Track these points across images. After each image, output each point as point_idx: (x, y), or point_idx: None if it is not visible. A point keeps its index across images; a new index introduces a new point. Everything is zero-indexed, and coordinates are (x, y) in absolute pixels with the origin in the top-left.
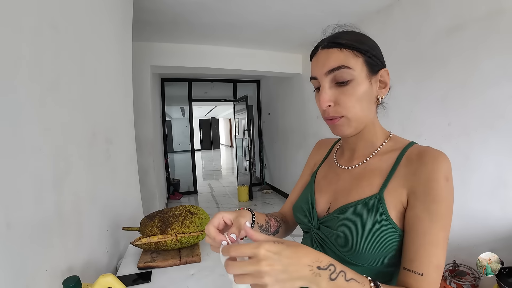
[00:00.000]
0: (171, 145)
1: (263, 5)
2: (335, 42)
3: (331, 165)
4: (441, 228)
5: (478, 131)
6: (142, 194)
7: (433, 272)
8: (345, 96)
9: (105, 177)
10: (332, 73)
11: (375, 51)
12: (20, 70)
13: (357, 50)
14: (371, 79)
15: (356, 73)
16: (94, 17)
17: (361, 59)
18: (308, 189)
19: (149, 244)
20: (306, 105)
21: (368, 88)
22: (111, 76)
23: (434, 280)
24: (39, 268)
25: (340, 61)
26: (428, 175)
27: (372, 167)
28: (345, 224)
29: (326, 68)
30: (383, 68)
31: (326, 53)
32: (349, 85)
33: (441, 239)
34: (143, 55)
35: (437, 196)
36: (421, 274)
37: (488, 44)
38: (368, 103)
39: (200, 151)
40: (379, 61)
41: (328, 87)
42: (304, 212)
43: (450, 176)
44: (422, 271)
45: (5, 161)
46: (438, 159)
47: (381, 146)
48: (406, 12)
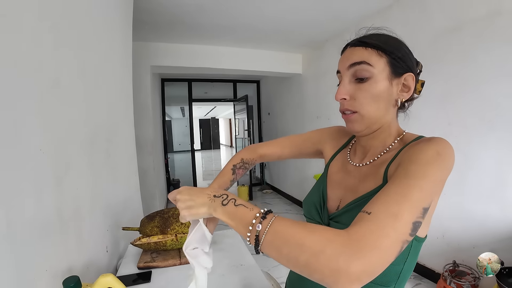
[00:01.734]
0: (171, 145)
1: (260, 9)
2: (362, 41)
3: (344, 162)
4: (416, 187)
5: (477, 130)
6: (142, 194)
7: (385, 217)
8: (361, 92)
9: (105, 177)
10: (353, 68)
11: (401, 54)
12: (20, 69)
13: (381, 50)
14: (392, 81)
15: (376, 71)
16: (95, 16)
17: (384, 59)
18: (320, 183)
19: (149, 244)
20: (306, 105)
21: (387, 88)
22: (111, 76)
23: (379, 224)
24: (39, 268)
25: (363, 58)
26: (418, 149)
27: (379, 162)
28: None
29: (349, 62)
30: (409, 73)
31: (352, 50)
32: (367, 82)
33: (414, 197)
34: (143, 55)
35: (419, 160)
36: (369, 213)
37: (487, 43)
38: (385, 103)
39: (200, 151)
40: (405, 65)
41: (348, 81)
42: (316, 207)
43: (444, 153)
44: (371, 211)
45: (5, 161)
46: (433, 139)
47: (393, 144)
48: (405, 12)
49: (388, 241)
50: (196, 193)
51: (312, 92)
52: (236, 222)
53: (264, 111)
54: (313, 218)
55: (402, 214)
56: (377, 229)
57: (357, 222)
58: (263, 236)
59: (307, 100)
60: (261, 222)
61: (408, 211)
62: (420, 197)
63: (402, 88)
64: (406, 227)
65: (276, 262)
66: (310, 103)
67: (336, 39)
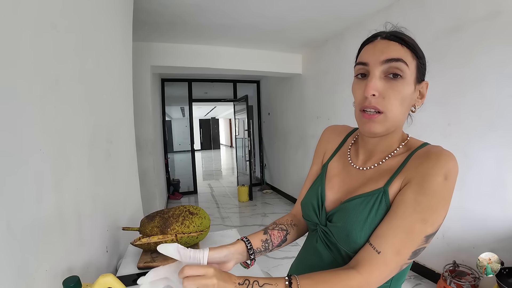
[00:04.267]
0: (171, 145)
1: (260, 9)
2: (399, 37)
3: (345, 164)
4: (420, 221)
5: (477, 131)
6: (142, 194)
7: (390, 255)
8: (392, 91)
9: (105, 177)
10: (389, 64)
11: (424, 61)
12: (20, 69)
13: (415, 53)
14: (416, 86)
15: (409, 73)
16: (95, 17)
17: (415, 62)
18: (318, 183)
19: (149, 244)
20: (306, 105)
21: (412, 93)
22: (111, 76)
23: (387, 263)
24: (39, 268)
25: (401, 55)
26: (427, 169)
27: (384, 167)
28: (347, 216)
29: (385, 56)
30: (425, 81)
31: (387, 43)
32: (399, 81)
33: (416, 231)
34: (143, 55)
35: (428, 190)
36: (378, 252)
37: (486, 43)
38: (407, 108)
39: (200, 151)
40: (425, 72)
41: (379, 77)
42: (314, 208)
43: (451, 176)
44: (381, 250)
45: (5, 161)
46: (442, 156)
47: (397, 149)
48: (405, 12)
49: (390, 271)
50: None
51: (312, 92)
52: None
53: (264, 111)
54: (310, 220)
55: (404, 250)
56: (386, 268)
57: (368, 260)
58: None
59: (307, 100)
60: None
61: (410, 246)
62: (424, 230)
63: (418, 95)
64: (406, 257)
65: (276, 262)
66: (310, 103)
67: (336, 39)
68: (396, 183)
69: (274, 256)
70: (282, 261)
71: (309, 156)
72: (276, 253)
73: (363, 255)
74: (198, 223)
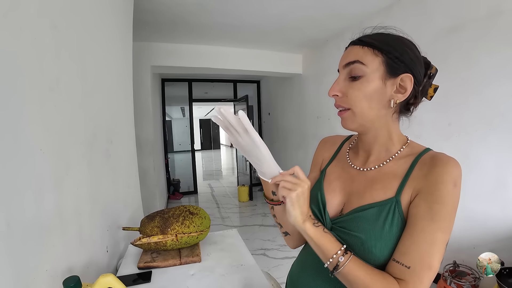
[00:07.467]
0: (171, 145)
1: (262, 7)
2: (360, 39)
3: (344, 165)
4: (440, 230)
5: (478, 131)
6: (142, 194)
7: (421, 269)
8: (353, 90)
9: (106, 177)
10: (348, 67)
11: (398, 54)
12: (21, 69)
13: (377, 49)
14: (386, 80)
15: (369, 70)
16: (95, 17)
17: (379, 58)
18: (316, 188)
19: (149, 244)
20: (307, 105)
21: (379, 88)
22: (112, 76)
23: (420, 277)
24: (39, 268)
25: (357, 57)
26: (436, 177)
27: (387, 171)
28: (362, 226)
29: (345, 61)
30: (407, 73)
31: (350, 48)
32: (358, 80)
33: (438, 240)
34: (143, 55)
35: (441, 198)
36: (408, 267)
37: (487, 43)
38: (377, 103)
39: (200, 151)
40: (403, 65)
41: (343, 79)
42: (315, 213)
43: (458, 182)
44: (410, 265)
45: (6, 161)
46: (449, 164)
47: (399, 152)
48: (406, 12)
49: (425, 286)
50: (305, 201)
51: (312, 92)
52: (321, 244)
53: (265, 111)
54: None
55: (434, 262)
56: (420, 284)
57: (401, 277)
58: (342, 267)
59: (308, 100)
60: (343, 255)
61: (438, 257)
62: (443, 238)
63: (398, 89)
64: (437, 268)
65: (276, 262)
66: (311, 103)
67: (336, 39)
68: (406, 193)
69: (274, 256)
70: (283, 261)
71: (310, 156)
72: (276, 253)
73: (395, 273)
74: (198, 223)
